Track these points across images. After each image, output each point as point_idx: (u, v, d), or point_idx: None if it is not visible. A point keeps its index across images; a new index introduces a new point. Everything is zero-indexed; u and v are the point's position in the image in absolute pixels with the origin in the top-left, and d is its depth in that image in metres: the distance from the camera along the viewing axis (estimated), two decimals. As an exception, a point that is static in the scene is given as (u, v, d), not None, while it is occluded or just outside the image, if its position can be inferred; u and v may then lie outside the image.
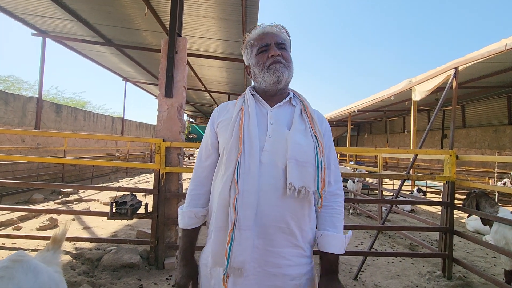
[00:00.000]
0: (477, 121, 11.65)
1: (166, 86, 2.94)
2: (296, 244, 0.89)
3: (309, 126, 0.94)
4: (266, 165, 0.88)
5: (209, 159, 1.03)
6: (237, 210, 0.82)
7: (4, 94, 6.82)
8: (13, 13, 6.09)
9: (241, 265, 0.81)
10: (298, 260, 0.90)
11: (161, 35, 6.36)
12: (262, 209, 0.85)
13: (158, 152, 2.78)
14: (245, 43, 1.04)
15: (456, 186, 2.86)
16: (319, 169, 0.88)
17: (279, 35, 1.00)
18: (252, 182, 0.85)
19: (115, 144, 12.14)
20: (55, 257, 1.16)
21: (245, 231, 0.82)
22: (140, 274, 2.57)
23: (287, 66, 0.97)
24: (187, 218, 1.01)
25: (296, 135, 0.90)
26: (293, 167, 0.86)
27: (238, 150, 0.88)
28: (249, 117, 0.94)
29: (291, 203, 0.87)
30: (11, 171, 6.53)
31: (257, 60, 0.99)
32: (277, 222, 0.86)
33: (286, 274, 0.87)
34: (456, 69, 3.51)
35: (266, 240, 0.86)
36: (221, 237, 0.85)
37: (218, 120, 1.02)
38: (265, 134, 0.92)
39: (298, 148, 0.88)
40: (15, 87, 12.61)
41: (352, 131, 21.01)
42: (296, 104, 1.00)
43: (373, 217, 5.07)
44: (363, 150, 7.06)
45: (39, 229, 3.71)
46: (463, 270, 2.96)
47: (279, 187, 0.86)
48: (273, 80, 0.95)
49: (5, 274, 0.87)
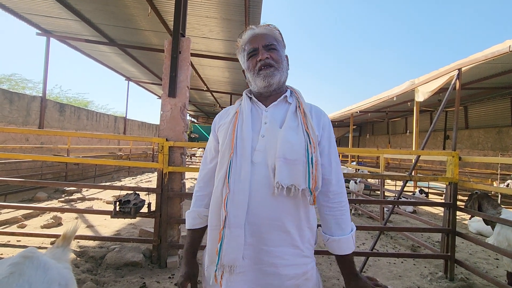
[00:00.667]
0: (480, 122, 11.60)
1: (170, 86, 2.95)
2: (293, 243, 0.88)
3: (302, 123, 0.93)
4: (258, 165, 0.89)
5: (214, 161, 1.04)
6: (227, 208, 0.84)
7: (9, 93, 6.88)
8: (18, 13, 6.14)
9: (232, 263, 0.82)
10: (295, 260, 0.88)
11: (164, 35, 6.39)
12: (254, 207, 0.86)
13: (161, 151, 2.80)
14: (238, 48, 1.05)
15: (458, 188, 2.86)
16: (309, 166, 0.86)
17: (268, 36, 0.99)
18: (243, 182, 0.86)
19: (117, 143, 12.20)
20: (65, 254, 1.19)
21: (235, 229, 0.83)
22: (143, 273, 2.59)
23: (277, 67, 0.97)
24: (191, 219, 1.04)
25: (287, 133, 0.90)
26: (281, 165, 0.85)
27: (230, 151, 0.90)
28: (243, 118, 0.95)
29: (284, 202, 0.86)
30: (16, 169, 6.59)
31: (248, 65, 1.01)
32: (270, 221, 0.86)
33: (282, 274, 0.86)
34: (459, 70, 3.50)
35: (260, 238, 0.86)
36: (214, 235, 0.88)
37: (219, 124, 1.05)
38: (258, 134, 0.93)
39: (287, 146, 0.87)
40: (19, 86, 12.70)
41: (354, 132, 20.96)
42: (292, 101, 0.99)
43: (375, 218, 5.06)
44: (365, 150, 7.05)
45: (44, 227, 3.74)
46: (465, 271, 2.96)
47: (270, 186, 0.86)
48: (263, 85, 0.96)
49: (15, 270, 0.89)
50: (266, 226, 0.86)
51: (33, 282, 0.89)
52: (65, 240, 1.23)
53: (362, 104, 10.15)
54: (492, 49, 4.22)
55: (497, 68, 6.22)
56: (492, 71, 6.50)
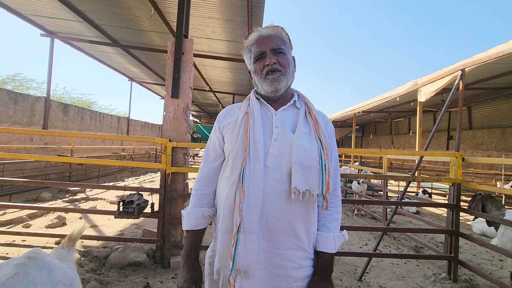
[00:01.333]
0: (484, 123, 11.51)
1: (173, 87, 2.97)
2: (301, 246, 0.90)
3: (314, 129, 0.95)
4: (271, 169, 0.89)
5: (218, 160, 1.04)
6: (242, 213, 0.84)
7: (14, 94, 6.95)
8: (23, 14, 6.20)
9: (247, 268, 0.82)
10: (303, 262, 0.91)
11: (167, 36, 6.42)
12: (267, 212, 0.86)
13: (164, 152, 2.81)
14: (244, 48, 1.05)
15: (462, 188, 2.84)
16: (323, 173, 0.89)
17: (275, 39, 0.98)
18: (257, 186, 0.86)
19: (120, 143, 12.27)
20: (70, 254, 1.20)
21: (250, 234, 0.83)
22: (147, 273, 2.61)
23: (284, 72, 0.96)
24: (194, 219, 1.00)
25: (301, 139, 0.91)
26: (297, 171, 0.86)
27: (244, 154, 0.89)
28: (254, 121, 0.94)
29: (296, 206, 0.88)
30: (20, 169, 6.65)
31: (254, 67, 1.00)
32: (282, 225, 0.87)
33: (291, 275, 0.88)
34: (463, 70, 3.49)
35: (271, 242, 0.87)
36: (227, 239, 0.87)
37: (224, 122, 1.03)
38: (270, 137, 0.93)
39: (303, 152, 0.89)
40: (23, 86, 12.81)
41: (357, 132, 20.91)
42: (301, 106, 1.01)
43: (378, 219, 5.05)
44: (368, 151, 7.01)
45: (48, 227, 3.77)
46: (468, 272, 2.94)
47: (283, 190, 0.87)
48: (270, 90, 0.96)
49: (20, 270, 0.91)
50: (277, 230, 0.87)
51: (37, 283, 0.90)
52: (70, 241, 1.24)
53: (365, 104, 10.12)
54: (496, 49, 4.19)
55: (501, 68, 6.17)
56: (496, 71, 6.45)
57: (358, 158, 11.52)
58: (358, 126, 21.00)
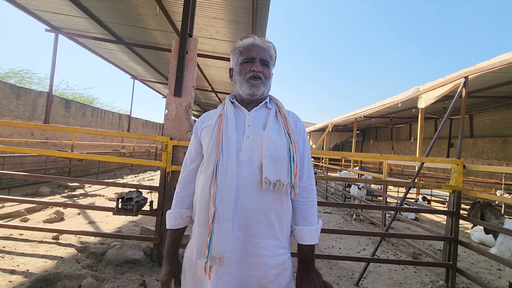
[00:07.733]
0: (485, 131, 11.51)
1: (176, 85, 2.97)
2: (275, 235, 0.96)
3: (283, 125, 1.02)
4: (244, 163, 0.95)
5: (194, 164, 1.11)
6: (216, 204, 0.89)
7: (16, 88, 6.96)
8: (28, 8, 6.23)
9: (221, 255, 0.87)
10: (277, 250, 0.96)
11: (171, 35, 6.44)
12: (242, 202, 0.92)
13: (165, 150, 2.81)
14: (234, 48, 1.12)
15: (462, 196, 2.83)
16: (291, 164, 0.96)
17: (266, 51, 1.08)
18: (229, 179, 0.91)
19: (121, 140, 12.27)
20: None
21: (224, 223, 0.88)
22: (143, 270, 2.60)
23: (264, 83, 1.06)
24: (173, 219, 1.07)
25: (271, 134, 0.98)
26: (268, 162, 0.94)
27: (217, 150, 0.95)
28: (227, 121, 1.01)
29: (269, 196, 0.94)
30: (20, 163, 6.66)
31: (240, 68, 1.08)
32: (256, 215, 0.93)
33: (266, 263, 0.93)
34: (466, 78, 3.49)
35: (247, 231, 0.92)
36: (203, 230, 0.92)
37: (201, 127, 1.10)
38: (243, 135, 1.00)
39: (272, 145, 0.96)
40: (26, 80, 12.82)
41: (358, 137, 20.91)
42: (272, 107, 1.09)
43: (376, 224, 5.03)
44: (369, 156, 6.98)
45: (46, 222, 3.77)
46: (466, 281, 2.93)
47: (256, 182, 0.94)
48: (248, 93, 1.05)
49: None
50: (252, 220, 0.93)
51: None
52: None
53: (366, 109, 10.11)
54: (500, 58, 4.19)
55: (504, 77, 6.17)
56: (499, 80, 6.45)
57: (358, 163, 11.50)
58: (359, 131, 21.01)
